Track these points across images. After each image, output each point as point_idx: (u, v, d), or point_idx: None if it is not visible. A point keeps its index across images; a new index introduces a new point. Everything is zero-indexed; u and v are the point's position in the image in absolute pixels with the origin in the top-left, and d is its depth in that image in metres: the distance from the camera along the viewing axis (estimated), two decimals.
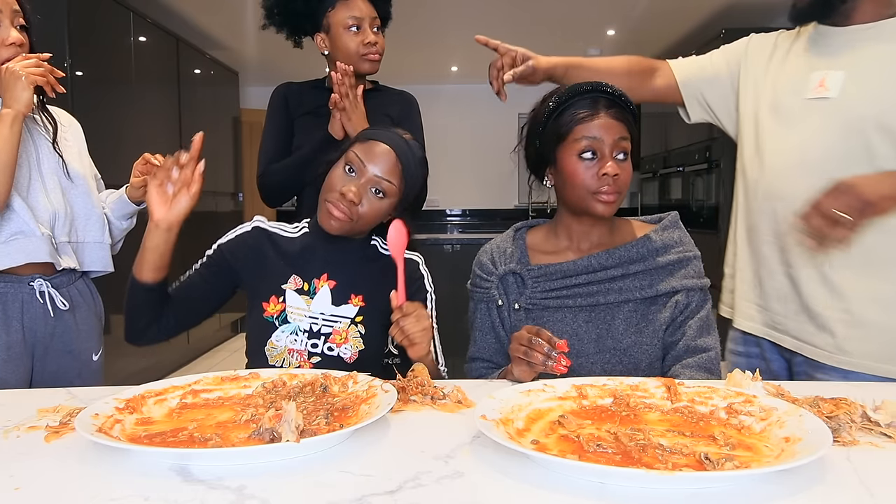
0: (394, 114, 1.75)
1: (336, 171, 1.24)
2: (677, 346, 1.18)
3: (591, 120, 1.15)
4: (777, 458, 0.73)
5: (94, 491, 0.69)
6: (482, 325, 1.29)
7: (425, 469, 0.73)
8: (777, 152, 1.30)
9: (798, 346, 1.30)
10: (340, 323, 1.24)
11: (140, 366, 3.55)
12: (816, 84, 1.25)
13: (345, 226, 1.22)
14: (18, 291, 1.39)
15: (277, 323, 1.23)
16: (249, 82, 6.22)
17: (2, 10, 1.34)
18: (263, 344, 1.23)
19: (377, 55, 1.69)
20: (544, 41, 5.36)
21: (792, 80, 1.31)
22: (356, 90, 1.56)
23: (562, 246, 1.28)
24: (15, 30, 1.36)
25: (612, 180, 1.14)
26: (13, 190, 1.35)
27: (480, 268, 1.31)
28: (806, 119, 1.26)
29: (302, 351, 1.23)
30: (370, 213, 1.23)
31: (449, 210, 7.05)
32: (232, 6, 4.47)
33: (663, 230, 1.25)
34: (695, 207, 4.90)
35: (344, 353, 1.23)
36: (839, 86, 1.22)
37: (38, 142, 1.46)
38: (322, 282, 1.26)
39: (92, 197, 1.54)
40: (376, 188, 1.22)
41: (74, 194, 1.50)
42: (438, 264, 4.23)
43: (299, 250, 1.28)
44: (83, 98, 3.17)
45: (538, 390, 0.94)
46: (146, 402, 0.93)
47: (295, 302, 1.24)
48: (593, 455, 0.74)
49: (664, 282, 1.20)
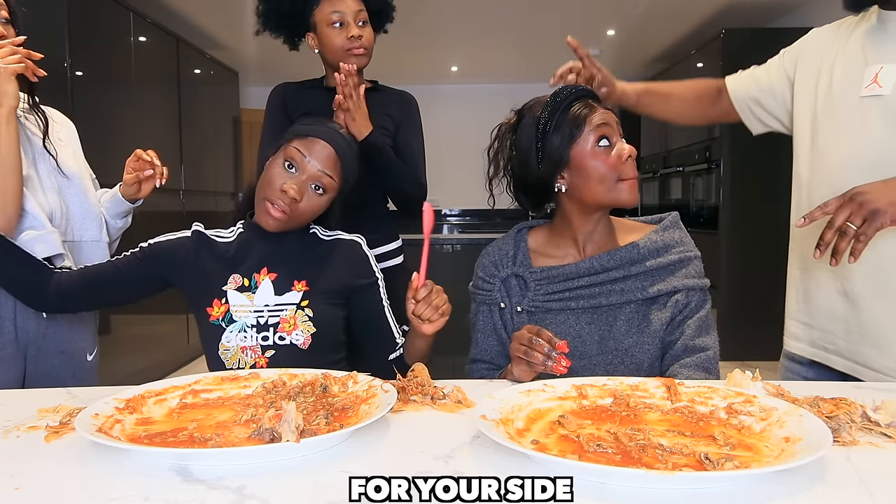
0: (393, 113, 1.75)
1: (275, 168, 1.23)
2: (675, 345, 1.18)
3: (593, 112, 1.20)
4: (777, 458, 0.73)
5: (94, 491, 0.69)
6: (484, 328, 1.29)
7: (425, 469, 0.73)
8: (830, 155, 1.23)
9: (851, 368, 1.23)
10: (286, 311, 1.23)
11: (139, 366, 3.55)
12: (870, 80, 1.17)
13: (282, 224, 1.23)
14: None
15: (224, 324, 1.23)
16: (249, 82, 6.22)
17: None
18: (216, 349, 1.22)
19: (362, 49, 1.67)
20: (544, 41, 5.37)
21: (846, 76, 1.22)
22: (359, 90, 1.56)
23: (563, 247, 1.28)
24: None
25: (631, 161, 1.18)
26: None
27: (483, 270, 1.31)
28: (860, 118, 1.18)
29: (254, 347, 1.22)
30: (308, 209, 1.24)
31: (448, 210, 7.05)
32: (232, 6, 4.47)
33: (664, 230, 1.25)
34: (695, 207, 4.90)
35: (296, 339, 1.22)
36: (893, 82, 1.14)
37: (33, 140, 1.45)
38: (262, 275, 1.25)
39: (88, 195, 1.53)
40: (316, 184, 1.23)
41: (70, 193, 1.49)
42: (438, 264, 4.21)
43: (236, 250, 1.28)
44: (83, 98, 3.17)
45: (538, 390, 0.94)
46: (146, 402, 0.93)
47: (237, 300, 1.23)
48: (593, 455, 0.74)
49: (665, 281, 1.20)
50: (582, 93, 1.23)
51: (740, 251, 4.40)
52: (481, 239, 3.86)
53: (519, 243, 1.31)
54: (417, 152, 1.78)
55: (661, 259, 1.21)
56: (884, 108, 1.15)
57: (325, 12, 1.67)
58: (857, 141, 1.19)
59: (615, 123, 1.21)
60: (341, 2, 1.67)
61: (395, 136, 1.74)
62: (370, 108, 1.60)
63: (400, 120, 1.76)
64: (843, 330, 1.24)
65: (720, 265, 4.44)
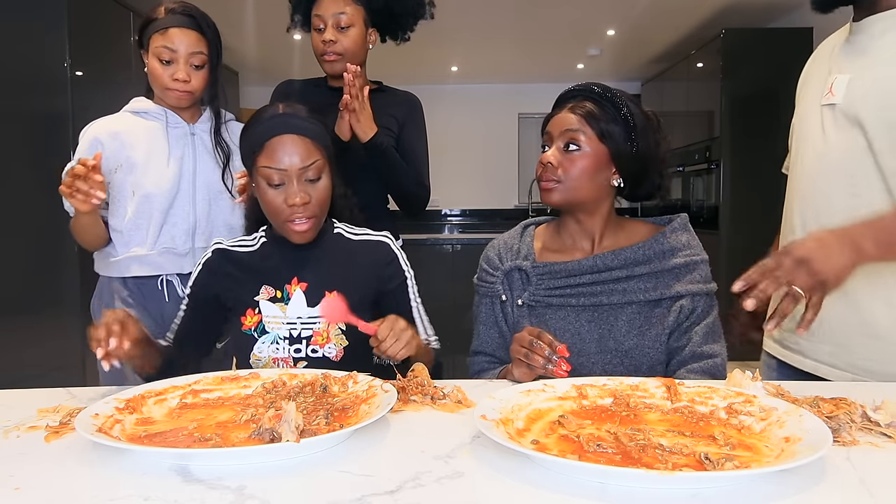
0: (398, 115, 1.75)
1: (266, 197, 1.20)
2: (683, 351, 1.18)
3: (550, 119, 1.25)
4: (777, 458, 0.73)
5: (94, 491, 0.69)
6: (486, 320, 1.30)
7: (425, 469, 0.73)
8: (798, 163, 1.26)
9: (814, 367, 1.21)
10: (319, 324, 1.23)
11: None
12: (828, 89, 1.20)
13: (314, 229, 1.22)
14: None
15: (256, 335, 1.23)
16: (249, 82, 6.22)
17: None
18: (248, 358, 1.23)
19: (333, 55, 1.66)
20: (544, 41, 5.37)
21: (814, 87, 1.26)
22: (364, 91, 1.56)
23: (568, 244, 1.28)
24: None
25: (545, 167, 1.22)
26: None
27: (487, 262, 1.32)
28: (819, 127, 1.21)
29: (286, 358, 1.22)
30: (322, 198, 1.21)
31: (448, 210, 7.04)
32: (232, 6, 4.46)
33: (672, 232, 1.24)
34: (695, 207, 4.90)
35: (329, 352, 1.22)
36: (843, 90, 1.17)
37: (200, 157, 1.59)
38: (294, 286, 1.24)
39: (235, 210, 1.60)
40: (307, 177, 1.19)
41: (220, 207, 1.60)
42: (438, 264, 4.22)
43: (262, 260, 1.28)
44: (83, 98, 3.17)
45: (538, 390, 0.94)
46: (146, 402, 0.93)
47: (270, 311, 1.23)
48: (593, 455, 0.74)
49: (669, 286, 1.19)
50: (569, 93, 1.25)
51: (740, 251, 4.39)
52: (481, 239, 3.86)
53: (525, 238, 1.32)
54: (421, 154, 1.78)
55: (667, 262, 1.20)
56: (836, 116, 1.18)
57: (312, 14, 1.68)
58: (817, 149, 1.22)
59: (564, 129, 1.21)
60: (322, 4, 1.66)
61: (398, 137, 1.74)
62: (375, 109, 1.61)
63: (404, 121, 1.76)
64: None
65: (720, 265, 4.43)
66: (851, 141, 1.15)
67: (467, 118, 6.88)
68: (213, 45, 1.54)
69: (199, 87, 1.54)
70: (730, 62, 4.41)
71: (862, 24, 1.18)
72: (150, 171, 1.54)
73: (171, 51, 1.49)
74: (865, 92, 1.14)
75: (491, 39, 5.34)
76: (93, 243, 1.57)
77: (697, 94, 5.00)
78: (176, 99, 1.54)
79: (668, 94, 5.68)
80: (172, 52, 1.49)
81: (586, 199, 1.22)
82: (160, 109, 1.58)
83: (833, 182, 1.17)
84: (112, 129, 1.56)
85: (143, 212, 1.54)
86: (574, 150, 1.20)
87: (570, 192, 1.21)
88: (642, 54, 5.85)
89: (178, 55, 1.49)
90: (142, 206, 1.54)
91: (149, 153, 1.55)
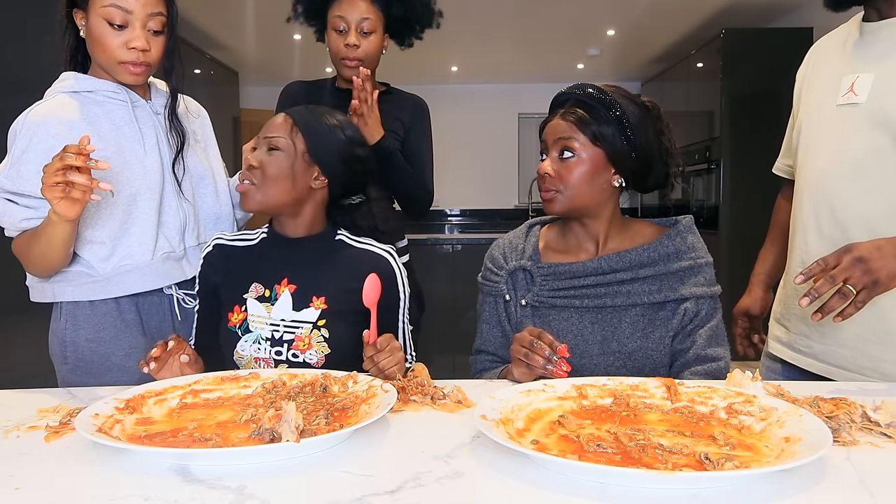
0: (405, 118, 1.75)
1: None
2: (686, 354, 1.18)
3: (546, 125, 1.24)
4: (777, 458, 0.73)
5: (94, 491, 0.69)
6: (489, 319, 1.30)
7: (425, 469, 0.73)
8: (809, 163, 1.26)
9: (826, 370, 1.23)
10: (302, 329, 1.21)
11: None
12: (847, 89, 1.20)
13: (251, 191, 1.20)
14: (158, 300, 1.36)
15: (240, 332, 1.22)
16: (249, 82, 6.21)
17: None
18: (232, 353, 1.23)
19: (355, 60, 1.65)
20: (544, 41, 5.37)
21: (826, 87, 1.26)
22: (373, 95, 1.56)
23: (573, 245, 1.28)
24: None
25: (543, 178, 1.22)
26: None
27: (492, 261, 1.32)
28: (837, 126, 1.21)
29: (267, 359, 1.21)
30: (274, 170, 1.19)
31: (449, 210, 7.05)
32: (232, 6, 4.46)
33: (677, 235, 1.23)
34: (695, 208, 4.90)
35: (309, 358, 1.21)
36: (868, 90, 1.17)
37: (171, 140, 1.37)
38: (283, 287, 1.23)
39: (219, 194, 1.45)
40: (268, 146, 1.21)
41: (203, 194, 1.43)
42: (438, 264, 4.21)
43: (258, 257, 1.28)
44: None
45: (538, 390, 0.94)
46: (146, 402, 0.93)
47: (255, 310, 1.23)
48: (593, 455, 0.74)
49: (674, 288, 1.19)
50: (561, 97, 1.25)
51: (740, 251, 4.39)
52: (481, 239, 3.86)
53: (530, 238, 1.32)
54: (426, 158, 1.79)
55: (672, 265, 1.20)
56: (859, 115, 1.18)
57: (332, 14, 1.67)
58: (832, 148, 1.22)
59: (558, 137, 1.20)
60: (345, 5, 1.65)
61: (404, 141, 1.75)
62: (382, 112, 1.61)
63: (410, 126, 1.76)
64: (817, 332, 1.25)
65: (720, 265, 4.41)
66: (875, 141, 1.15)
67: (467, 118, 6.88)
68: (171, 3, 1.28)
69: (158, 57, 1.28)
70: (730, 62, 4.41)
71: (882, 24, 1.18)
72: (130, 164, 1.29)
73: (126, 11, 1.21)
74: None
75: (491, 39, 5.34)
76: (56, 263, 1.22)
77: (697, 94, 5.01)
78: (131, 73, 1.26)
79: (668, 94, 5.68)
80: (126, 14, 1.21)
81: (588, 204, 1.22)
82: (115, 86, 1.30)
83: (852, 182, 1.18)
84: (62, 118, 1.24)
85: (131, 214, 1.29)
86: (569, 158, 1.19)
87: (571, 199, 1.20)
88: (642, 54, 5.85)
89: (133, 17, 1.22)
90: (129, 208, 1.28)
91: (119, 143, 1.28)
